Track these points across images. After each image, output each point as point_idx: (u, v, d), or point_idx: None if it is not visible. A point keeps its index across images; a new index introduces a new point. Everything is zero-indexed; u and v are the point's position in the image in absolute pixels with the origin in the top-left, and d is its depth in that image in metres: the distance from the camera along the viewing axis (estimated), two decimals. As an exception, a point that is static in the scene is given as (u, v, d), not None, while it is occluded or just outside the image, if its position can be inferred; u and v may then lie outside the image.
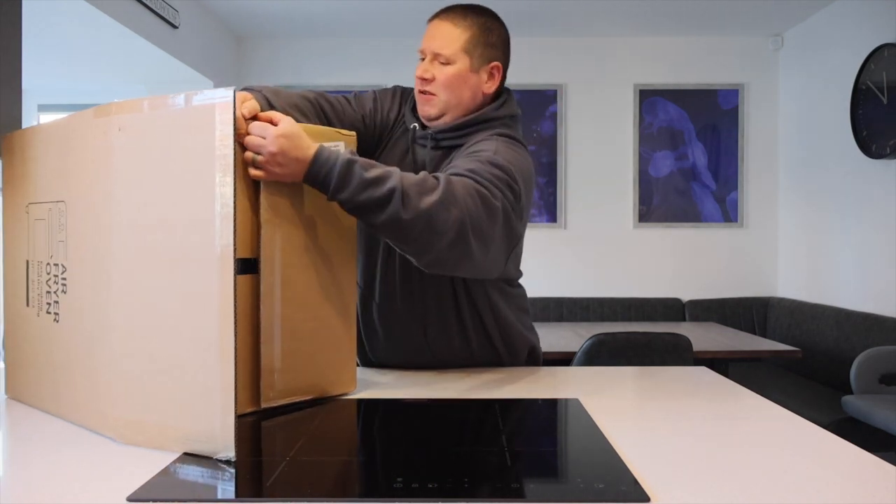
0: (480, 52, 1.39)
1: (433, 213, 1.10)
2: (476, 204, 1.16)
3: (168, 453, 0.90)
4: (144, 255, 0.95)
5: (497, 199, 1.20)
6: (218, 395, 0.87)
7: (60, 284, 1.08)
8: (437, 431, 1.07)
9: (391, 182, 1.10)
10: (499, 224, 1.21)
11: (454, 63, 1.38)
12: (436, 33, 1.39)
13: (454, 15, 1.40)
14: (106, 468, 0.86)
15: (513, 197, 1.25)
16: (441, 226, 1.11)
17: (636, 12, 4.16)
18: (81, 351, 1.03)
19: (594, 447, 0.94)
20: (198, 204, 0.91)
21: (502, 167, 1.25)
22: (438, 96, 1.38)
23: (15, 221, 1.21)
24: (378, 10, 4.13)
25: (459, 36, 1.38)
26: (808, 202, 4.24)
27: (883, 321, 3.34)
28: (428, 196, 1.11)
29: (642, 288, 4.58)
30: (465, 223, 1.13)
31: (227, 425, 0.86)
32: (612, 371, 1.52)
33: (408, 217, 1.09)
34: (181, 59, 3.80)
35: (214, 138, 0.91)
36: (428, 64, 1.39)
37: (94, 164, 1.01)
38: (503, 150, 1.31)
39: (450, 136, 1.40)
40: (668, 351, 2.60)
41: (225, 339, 0.88)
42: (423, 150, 1.41)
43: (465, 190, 1.16)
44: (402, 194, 1.09)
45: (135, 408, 0.94)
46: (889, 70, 3.43)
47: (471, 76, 1.39)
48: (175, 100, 0.95)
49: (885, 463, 0.87)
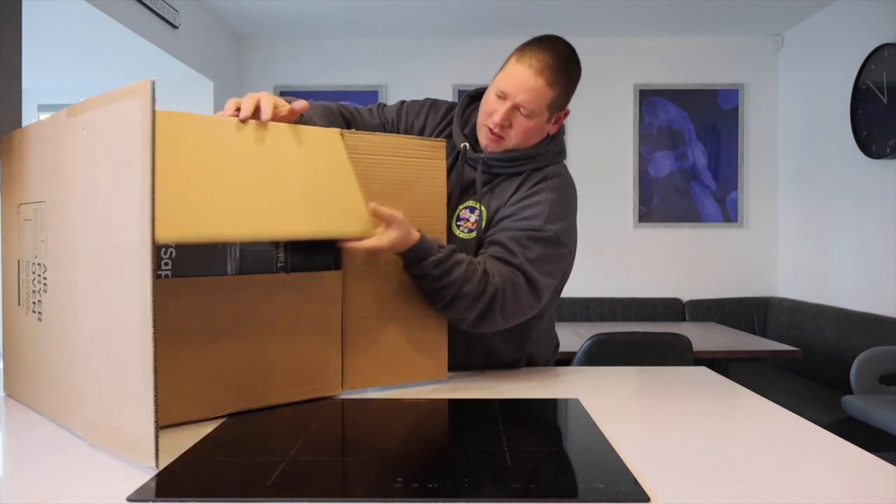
0: (557, 106, 1.38)
1: (483, 315, 1.28)
2: (517, 297, 1.30)
3: (168, 453, 0.90)
4: (97, 254, 0.94)
5: (540, 283, 1.32)
6: (141, 402, 0.84)
7: (42, 284, 1.08)
8: (437, 431, 1.07)
9: (454, 290, 1.24)
10: (543, 296, 1.35)
11: (535, 117, 1.35)
12: (527, 86, 1.31)
13: (550, 72, 1.32)
14: (106, 468, 0.86)
15: (560, 265, 1.38)
16: (486, 318, 1.29)
17: (636, 12, 4.16)
18: (59, 350, 1.03)
19: (594, 447, 0.94)
20: (130, 202, 0.87)
21: (550, 240, 1.34)
22: (509, 141, 1.38)
23: (10, 222, 1.22)
24: (378, 10, 4.13)
25: (549, 94, 1.33)
26: (808, 202, 4.24)
27: (883, 321, 3.34)
28: (478, 303, 1.26)
29: (642, 288, 4.58)
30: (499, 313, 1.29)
31: (148, 432, 0.83)
32: (612, 371, 1.52)
33: (464, 315, 1.28)
34: (181, 59, 3.79)
35: (138, 135, 0.86)
36: (508, 112, 1.34)
37: (65, 164, 1.01)
38: (554, 202, 1.37)
39: (501, 165, 1.41)
40: (668, 351, 2.60)
41: (145, 344, 0.83)
42: (473, 172, 1.43)
43: (511, 291, 1.29)
44: (459, 298, 1.24)
45: (95, 409, 0.94)
46: (889, 70, 3.43)
47: (545, 126, 1.39)
48: (122, 94, 0.90)
49: (885, 463, 0.87)
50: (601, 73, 4.63)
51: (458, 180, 1.43)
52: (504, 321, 1.31)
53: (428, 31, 4.55)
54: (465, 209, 1.41)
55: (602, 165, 4.62)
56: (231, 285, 1.07)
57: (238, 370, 1.08)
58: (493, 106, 1.36)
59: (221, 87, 4.33)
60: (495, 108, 1.35)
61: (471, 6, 4.09)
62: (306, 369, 1.17)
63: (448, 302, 1.25)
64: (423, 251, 1.22)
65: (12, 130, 1.23)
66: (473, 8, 4.11)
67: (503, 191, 1.41)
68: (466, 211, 1.41)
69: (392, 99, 4.65)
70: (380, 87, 4.65)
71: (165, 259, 0.98)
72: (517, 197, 1.39)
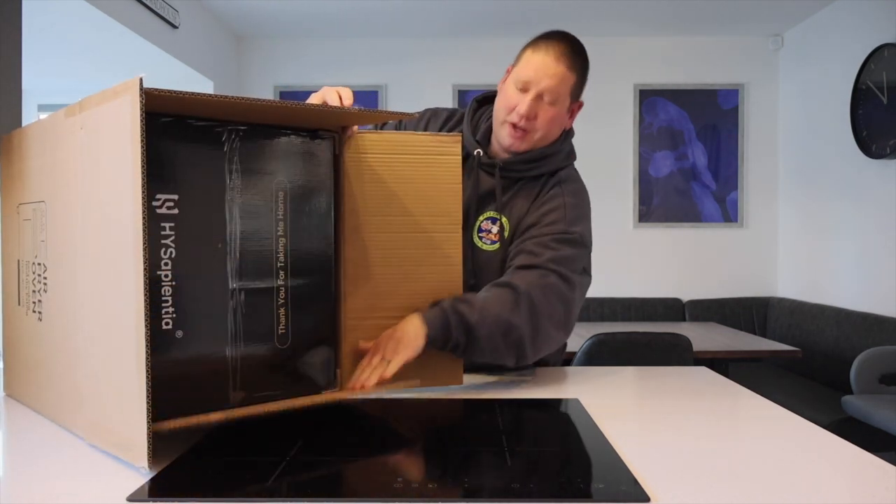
0: (576, 94, 1.39)
1: (534, 338, 1.28)
2: (551, 304, 1.29)
3: (168, 453, 0.90)
4: (96, 254, 0.93)
5: (573, 284, 1.32)
6: (136, 402, 0.84)
7: (42, 284, 1.08)
8: (437, 431, 1.07)
9: (490, 349, 1.24)
10: (577, 289, 1.34)
11: (558, 104, 1.35)
12: (550, 72, 1.32)
13: (568, 57, 1.34)
14: (106, 468, 0.86)
15: (582, 266, 1.37)
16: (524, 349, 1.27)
17: (636, 12, 4.16)
18: (59, 350, 1.03)
19: (594, 447, 0.94)
20: (124, 200, 0.86)
21: (576, 241, 1.35)
22: (535, 134, 1.37)
23: (10, 222, 1.22)
24: (378, 10, 4.13)
25: (571, 78, 1.35)
26: (808, 202, 4.24)
27: (883, 321, 3.34)
28: (512, 335, 1.25)
29: (642, 288, 4.58)
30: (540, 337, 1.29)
31: (142, 433, 0.83)
32: (612, 371, 1.52)
33: (517, 357, 1.28)
34: (181, 59, 3.80)
35: (128, 133, 0.85)
36: (534, 101, 1.33)
37: (65, 163, 1.01)
38: (572, 205, 1.38)
39: (518, 168, 1.40)
40: (668, 351, 2.60)
41: (140, 344, 0.83)
42: (490, 179, 1.41)
43: (541, 291, 1.28)
44: (498, 350, 1.25)
45: (95, 409, 0.94)
46: (889, 70, 3.43)
47: (565, 116, 1.40)
48: (115, 92, 0.89)
49: (885, 463, 0.87)
50: (601, 73, 4.62)
51: (475, 189, 1.40)
52: (555, 328, 1.29)
53: (428, 31, 4.55)
54: (486, 220, 1.40)
55: (602, 165, 4.62)
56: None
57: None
58: (514, 100, 1.34)
59: (221, 88, 4.33)
60: (518, 101, 1.34)
61: (471, 6, 4.09)
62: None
63: (495, 356, 1.26)
64: (437, 343, 1.21)
65: (12, 130, 1.23)
66: (473, 8, 4.11)
67: (523, 200, 1.40)
68: (488, 222, 1.39)
69: (392, 98, 4.65)
70: (380, 87, 4.65)
71: (165, 259, 0.98)
72: (537, 204, 1.39)
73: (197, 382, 1.02)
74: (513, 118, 1.35)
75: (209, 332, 1.02)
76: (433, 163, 1.27)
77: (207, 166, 1.02)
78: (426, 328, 1.19)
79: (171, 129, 0.98)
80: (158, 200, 0.96)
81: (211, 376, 1.03)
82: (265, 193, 1.08)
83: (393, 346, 1.16)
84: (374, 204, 1.23)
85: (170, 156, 0.98)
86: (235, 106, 0.94)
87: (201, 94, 0.88)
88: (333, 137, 1.19)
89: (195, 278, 1.00)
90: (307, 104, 1.01)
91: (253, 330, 1.07)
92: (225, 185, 1.03)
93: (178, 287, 0.98)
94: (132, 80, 0.83)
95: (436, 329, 1.20)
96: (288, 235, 1.11)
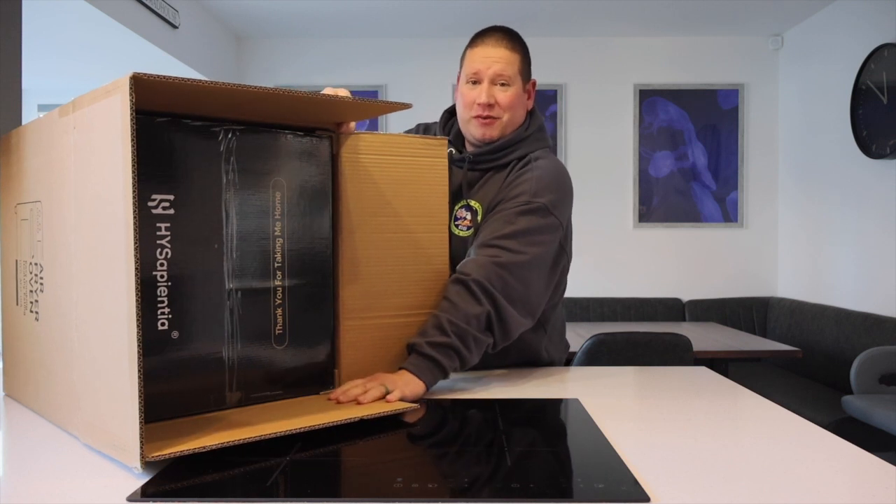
0: (526, 73, 1.47)
1: (500, 318, 1.29)
2: (505, 283, 1.29)
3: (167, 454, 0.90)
4: (89, 255, 0.93)
5: (529, 260, 1.32)
6: (128, 403, 0.84)
7: (39, 283, 1.07)
8: (437, 431, 1.07)
9: (458, 358, 1.24)
10: (531, 280, 1.33)
11: (513, 85, 1.43)
12: (496, 56, 1.41)
13: (506, 40, 1.43)
14: (106, 468, 0.86)
15: (551, 236, 1.38)
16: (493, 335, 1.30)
17: (636, 12, 4.16)
18: (55, 350, 1.03)
19: (594, 447, 0.93)
20: (115, 201, 0.86)
21: (538, 210, 1.35)
22: (501, 119, 1.44)
23: (9, 221, 1.22)
24: (378, 10, 4.13)
25: (515, 59, 1.43)
26: (808, 202, 4.24)
27: (883, 321, 3.34)
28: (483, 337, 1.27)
29: (642, 288, 4.58)
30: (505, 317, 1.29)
31: (134, 433, 0.82)
32: (612, 371, 1.52)
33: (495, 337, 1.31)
34: (181, 59, 3.80)
35: (119, 132, 0.84)
36: (489, 88, 1.41)
37: (59, 163, 1.00)
38: (541, 178, 1.39)
39: (486, 158, 1.46)
40: (668, 351, 2.59)
41: (131, 345, 0.83)
42: (459, 172, 1.47)
43: (498, 282, 1.29)
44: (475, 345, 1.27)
45: (90, 409, 0.94)
46: (889, 70, 3.43)
47: (523, 96, 1.47)
48: (107, 91, 0.89)
49: (885, 463, 0.87)
50: (601, 73, 4.63)
51: (450, 183, 1.45)
52: (513, 305, 1.29)
53: (428, 31, 4.55)
54: (461, 209, 1.46)
55: (602, 165, 4.62)
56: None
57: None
58: (472, 95, 1.43)
59: (221, 87, 4.32)
60: (475, 94, 1.42)
61: (471, 6, 4.09)
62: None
63: (480, 350, 1.28)
64: (439, 378, 1.23)
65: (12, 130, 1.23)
66: (473, 8, 4.11)
67: (494, 184, 1.45)
68: (462, 210, 1.46)
69: (392, 98, 4.65)
70: (380, 87, 4.65)
71: (161, 260, 0.97)
72: (506, 183, 1.43)
73: (193, 383, 1.02)
74: (476, 111, 1.43)
75: (206, 332, 1.02)
76: (421, 165, 1.30)
77: (204, 166, 1.02)
78: (423, 385, 1.19)
79: (168, 128, 0.98)
80: (154, 200, 0.96)
81: (208, 377, 1.03)
82: (262, 193, 1.08)
83: (393, 380, 1.15)
84: (370, 204, 1.24)
85: (166, 155, 0.98)
86: (229, 93, 0.93)
87: (193, 79, 0.87)
88: (331, 137, 1.18)
89: (191, 279, 1.00)
90: (301, 92, 1.00)
91: (250, 331, 1.07)
92: (222, 185, 1.03)
93: (174, 287, 0.98)
94: (122, 79, 0.83)
95: (434, 377, 1.21)
96: (285, 235, 1.11)
